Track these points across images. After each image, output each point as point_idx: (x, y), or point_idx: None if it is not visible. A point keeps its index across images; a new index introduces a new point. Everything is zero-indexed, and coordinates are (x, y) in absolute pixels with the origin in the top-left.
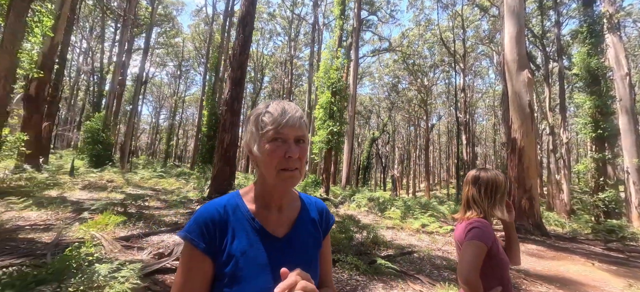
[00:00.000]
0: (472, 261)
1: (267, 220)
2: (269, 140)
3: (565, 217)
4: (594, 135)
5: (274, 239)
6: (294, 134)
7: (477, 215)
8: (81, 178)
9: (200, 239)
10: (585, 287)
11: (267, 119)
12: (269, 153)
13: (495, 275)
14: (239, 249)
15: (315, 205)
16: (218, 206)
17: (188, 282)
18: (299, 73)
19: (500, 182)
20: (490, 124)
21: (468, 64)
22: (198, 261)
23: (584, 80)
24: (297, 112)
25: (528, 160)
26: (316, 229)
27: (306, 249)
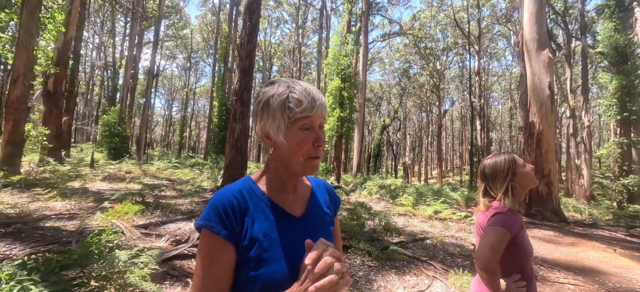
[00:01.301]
0: (493, 247)
1: (284, 201)
2: (301, 129)
3: (584, 203)
4: (619, 117)
5: (293, 219)
6: (319, 120)
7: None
8: (101, 170)
9: (220, 226)
10: (606, 275)
11: (295, 105)
12: (300, 142)
13: (517, 264)
14: (260, 231)
15: (324, 185)
16: (233, 190)
17: (211, 271)
18: (307, 61)
19: (498, 167)
20: (506, 108)
21: (483, 45)
22: (220, 248)
23: (609, 58)
24: (322, 97)
25: (546, 144)
26: (328, 207)
27: (323, 226)
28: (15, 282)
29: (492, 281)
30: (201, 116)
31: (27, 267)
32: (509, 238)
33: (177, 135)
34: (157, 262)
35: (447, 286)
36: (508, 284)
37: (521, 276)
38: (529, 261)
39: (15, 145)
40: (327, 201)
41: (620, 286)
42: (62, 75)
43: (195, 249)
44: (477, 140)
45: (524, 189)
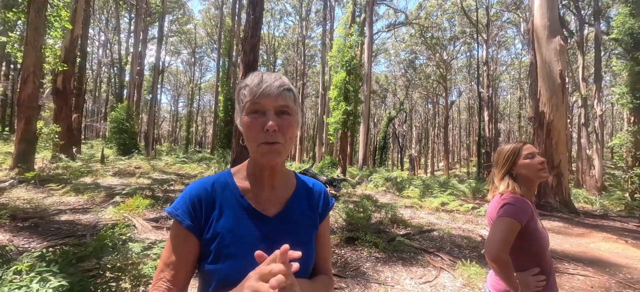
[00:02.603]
0: (503, 237)
1: (259, 198)
2: (248, 113)
3: (595, 194)
4: (632, 106)
5: (263, 218)
6: (273, 105)
7: (509, 190)
8: (111, 165)
9: (186, 216)
10: (616, 266)
11: (245, 91)
12: (247, 126)
13: (532, 253)
14: (225, 226)
15: (313, 186)
16: (206, 183)
17: (173, 257)
18: (311, 54)
19: (501, 153)
20: (515, 98)
21: (492, 34)
22: (183, 237)
23: (624, 44)
24: (276, 80)
25: (557, 134)
26: (312, 210)
27: (299, 229)
28: (36, 273)
29: (504, 271)
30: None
31: (46, 259)
32: (519, 228)
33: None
34: None
35: (454, 277)
36: (524, 277)
37: (540, 270)
38: (546, 253)
39: (28, 142)
40: (313, 203)
41: (632, 277)
42: (70, 73)
43: None
44: (485, 131)
45: (527, 179)
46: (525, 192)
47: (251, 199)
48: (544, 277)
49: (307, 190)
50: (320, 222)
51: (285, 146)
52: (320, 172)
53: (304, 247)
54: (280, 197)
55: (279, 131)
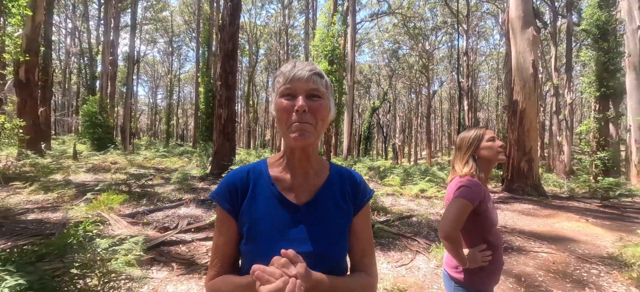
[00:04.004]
0: (454, 217)
1: (290, 185)
2: (281, 96)
3: (564, 177)
4: (598, 94)
5: (292, 206)
6: (304, 88)
7: (468, 173)
8: (85, 161)
9: (225, 200)
10: (577, 242)
11: (280, 77)
12: (279, 108)
13: (481, 231)
14: (256, 212)
15: (349, 175)
16: (243, 171)
17: (218, 238)
18: (295, 44)
19: (465, 138)
20: (493, 87)
21: (472, 24)
22: (224, 219)
23: (592, 35)
24: (308, 65)
25: (529, 122)
26: (345, 201)
27: (329, 220)
28: None
29: (455, 247)
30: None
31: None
32: (471, 208)
33: (164, 123)
34: (142, 249)
35: (428, 259)
36: (472, 253)
37: (487, 246)
38: (493, 229)
39: None
40: (347, 193)
41: (589, 252)
42: (34, 64)
43: (183, 235)
44: (464, 120)
45: (487, 162)
46: (484, 174)
47: (282, 187)
48: (490, 252)
49: (342, 179)
50: (355, 213)
51: (316, 129)
52: None
53: (334, 239)
54: (311, 185)
55: (309, 113)
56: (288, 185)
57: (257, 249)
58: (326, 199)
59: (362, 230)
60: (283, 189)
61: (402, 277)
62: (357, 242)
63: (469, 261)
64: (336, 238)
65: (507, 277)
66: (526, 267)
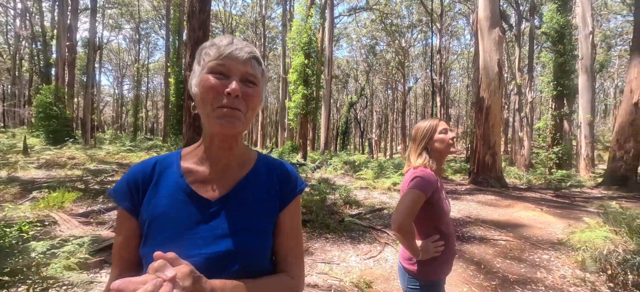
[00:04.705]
0: (407, 208)
1: (206, 178)
2: (210, 72)
3: (524, 170)
4: (555, 93)
5: (203, 201)
6: (240, 70)
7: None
8: (37, 156)
9: (124, 197)
10: (532, 229)
11: (211, 50)
12: (205, 86)
13: (434, 222)
14: (156, 208)
15: (279, 168)
16: (148, 163)
17: (117, 240)
18: (272, 36)
19: (419, 129)
20: (464, 85)
21: (445, 23)
22: (124, 219)
23: (551, 38)
24: (247, 47)
25: (493, 118)
26: (270, 194)
27: (246, 215)
28: None
29: (407, 239)
30: (158, 95)
31: None
32: (424, 199)
33: (131, 116)
34: (89, 251)
35: (396, 251)
36: (425, 244)
37: (439, 236)
38: (445, 219)
39: None
40: (273, 186)
41: (542, 238)
42: None
43: None
44: (437, 116)
45: (439, 153)
46: (437, 165)
47: (194, 180)
48: (443, 242)
49: (269, 171)
50: (282, 208)
51: (246, 117)
52: (280, 158)
53: (253, 236)
54: (231, 178)
55: (242, 99)
56: (202, 177)
57: (155, 251)
58: (246, 193)
59: (288, 226)
60: (194, 182)
61: (369, 269)
62: (282, 239)
63: (421, 252)
64: (254, 235)
65: (468, 265)
66: (486, 255)
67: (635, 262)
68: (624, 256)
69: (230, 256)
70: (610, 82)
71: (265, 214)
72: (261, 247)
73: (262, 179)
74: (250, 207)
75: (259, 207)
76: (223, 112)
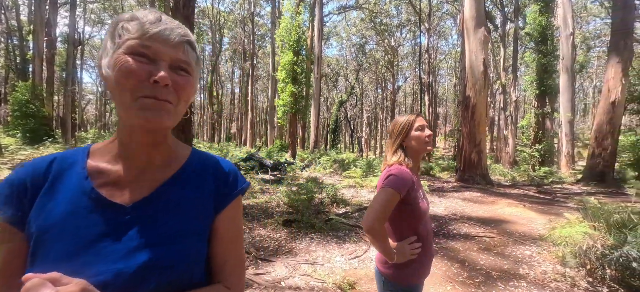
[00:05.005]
0: (379, 208)
1: (120, 180)
2: (128, 52)
3: (508, 167)
4: (537, 92)
5: (113, 207)
6: (170, 55)
7: (396, 162)
8: (11, 157)
9: (8, 203)
10: (515, 225)
11: (131, 25)
12: (123, 70)
13: (410, 222)
14: (51, 218)
15: (215, 166)
16: (42, 162)
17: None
18: (261, 33)
19: (396, 125)
20: (451, 84)
21: (433, 23)
22: (6, 231)
23: (534, 39)
24: (179, 28)
25: (479, 116)
26: (203, 197)
27: (172, 222)
28: None
29: (379, 241)
30: None
31: None
32: (398, 198)
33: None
34: None
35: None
36: (401, 246)
37: (417, 237)
38: (422, 219)
39: None
40: (207, 187)
41: (524, 233)
42: None
43: None
44: (425, 114)
45: (415, 151)
46: (413, 163)
47: (104, 182)
48: (419, 244)
49: (203, 170)
50: (219, 211)
51: (176, 110)
52: (268, 156)
53: (175, 244)
54: (153, 179)
55: (173, 89)
56: (115, 179)
57: (47, 271)
58: (171, 196)
59: (226, 231)
60: (104, 184)
61: (353, 269)
62: (219, 246)
63: (397, 255)
64: (179, 245)
65: (452, 263)
66: (471, 252)
67: (613, 257)
68: (602, 251)
69: (148, 271)
70: (589, 82)
71: (196, 218)
72: (188, 258)
73: (193, 179)
74: (176, 212)
75: (187, 211)
76: (148, 104)
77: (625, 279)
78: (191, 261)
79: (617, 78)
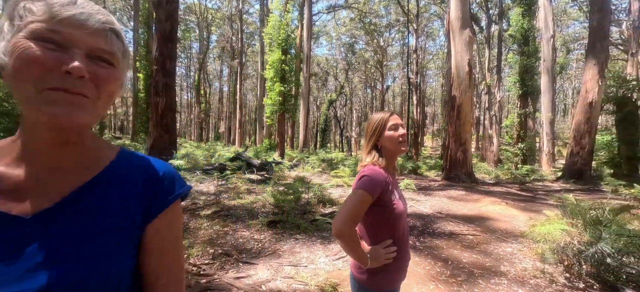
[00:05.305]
0: (350, 211)
1: (17, 188)
2: (31, 37)
3: (493, 166)
4: (520, 92)
5: (10, 221)
6: (87, 43)
7: (370, 162)
8: None
9: None
10: (498, 223)
11: (35, 5)
12: (23, 56)
13: (386, 225)
14: None
15: (146, 168)
16: None
17: None
18: (250, 31)
19: (370, 123)
20: (439, 84)
21: (421, 24)
22: None
23: (517, 41)
24: (101, 13)
25: (464, 116)
26: (130, 204)
27: (85, 234)
28: None
29: (350, 246)
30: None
31: None
32: (371, 201)
33: None
34: None
35: None
36: (375, 250)
37: (393, 241)
38: (398, 222)
39: None
40: (134, 192)
41: (506, 230)
42: None
43: None
44: (413, 114)
45: (389, 152)
46: (387, 163)
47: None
48: (395, 248)
49: (129, 173)
50: (148, 220)
51: (95, 106)
52: (256, 156)
53: (91, 261)
54: (62, 185)
55: (91, 82)
56: (13, 185)
57: None
58: (85, 204)
59: (159, 242)
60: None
61: (337, 270)
62: (152, 259)
63: (371, 259)
64: (93, 260)
65: (436, 261)
66: (454, 250)
67: (589, 253)
68: (579, 248)
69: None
70: (569, 83)
71: (116, 231)
72: (104, 276)
73: (116, 184)
74: (91, 222)
75: (105, 221)
76: (56, 97)
77: (601, 274)
78: (109, 278)
79: (594, 80)
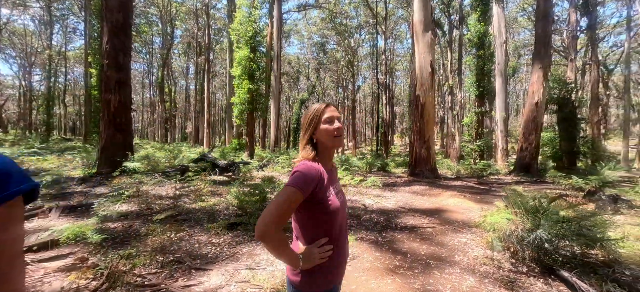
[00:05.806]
0: (275, 209)
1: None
2: None
3: (455, 162)
4: (477, 93)
5: None
6: None
7: (304, 157)
8: None
9: None
10: (455, 214)
11: None
12: None
13: (321, 223)
14: None
15: None
16: None
17: None
18: (219, 27)
19: (305, 116)
20: (407, 85)
21: (389, 27)
22: None
23: (474, 45)
24: None
25: (427, 114)
26: None
27: None
28: None
29: (276, 248)
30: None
31: None
32: (302, 198)
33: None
34: None
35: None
36: (308, 250)
37: (329, 239)
38: (335, 220)
39: None
40: None
41: (462, 221)
42: None
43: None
44: (383, 113)
45: (325, 146)
46: (323, 157)
47: None
48: (330, 247)
49: None
50: None
51: None
52: (223, 157)
53: None
54: None
55: None
56: None
57: None
58: None
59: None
60: None
61: None
62: None
63: (303, 260)
64: None
65: (396, 255)
66: (413, 243)
67: (529, 239)
68: (521, 235)
69: None
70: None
71: None
72: None
73: None
74: None
75: None
76: None
77: (540, 258)
78: None
79: (539, 82)
